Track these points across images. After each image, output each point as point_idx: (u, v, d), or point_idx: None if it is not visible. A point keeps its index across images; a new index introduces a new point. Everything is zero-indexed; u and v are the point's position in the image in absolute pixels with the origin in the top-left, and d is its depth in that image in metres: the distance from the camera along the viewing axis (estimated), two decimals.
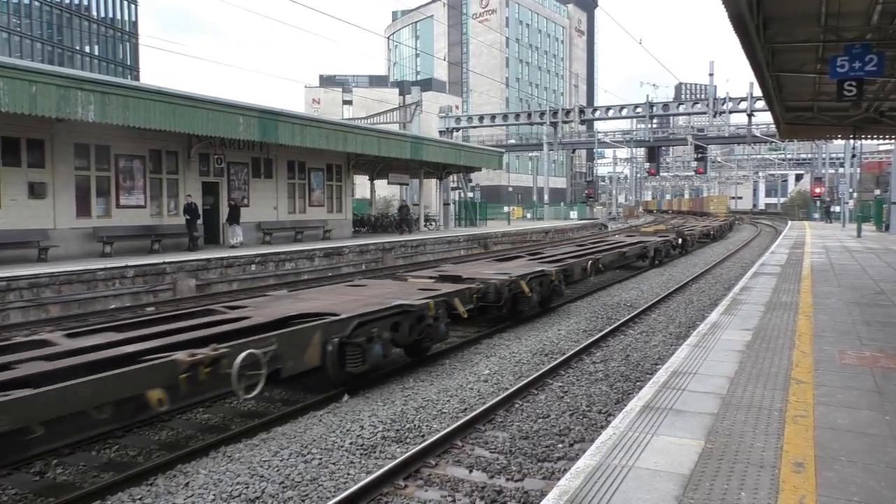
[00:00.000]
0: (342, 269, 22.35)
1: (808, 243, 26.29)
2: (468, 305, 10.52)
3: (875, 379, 6.32)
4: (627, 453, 4.51)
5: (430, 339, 9.48)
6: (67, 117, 15.53)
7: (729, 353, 7.37)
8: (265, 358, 6.40)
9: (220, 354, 6.02)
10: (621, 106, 56.82)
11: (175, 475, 5.70)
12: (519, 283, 11.97)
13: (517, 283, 11.94)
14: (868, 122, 20.43)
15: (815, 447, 4.57)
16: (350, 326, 7.80)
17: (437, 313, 9.33)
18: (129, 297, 15.65)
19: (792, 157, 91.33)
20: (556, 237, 39.99)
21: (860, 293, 12.18)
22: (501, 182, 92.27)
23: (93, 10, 79.44)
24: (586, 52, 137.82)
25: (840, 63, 11.21)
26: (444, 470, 5.82)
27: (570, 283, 15.32)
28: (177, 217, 21.20)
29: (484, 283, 11.28)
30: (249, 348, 6.28)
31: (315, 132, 22.98)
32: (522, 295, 12.12)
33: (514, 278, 11.90)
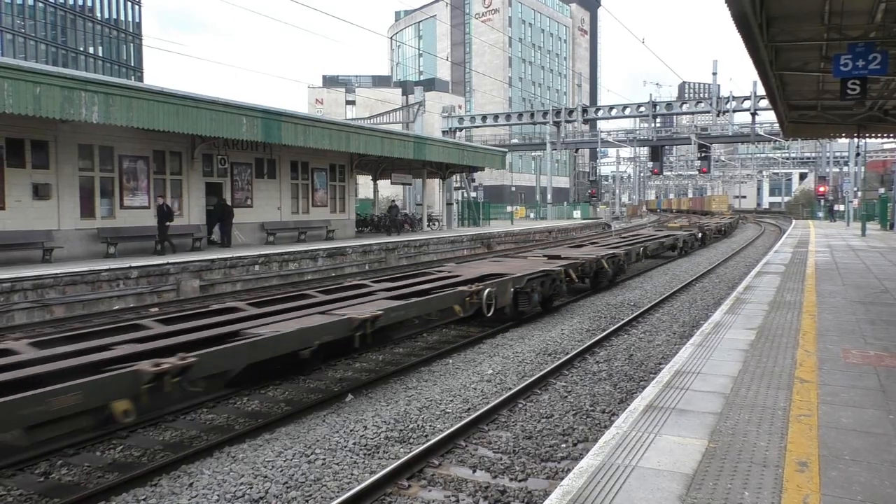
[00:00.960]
0: (345, 269, 22.36)
1: (812, 242, 26.23)
2: (577, 275, 14.68)
3: (879, 378, 6.31)
4: (631, 453, 4.51)
5: (558, 295, 13.86)
6: (71, 118, 15.56)
7: (732, 353, 7.36)
8: (494, 293, 10.99)
9: (479, 288, 10.73)
10: (624, 105, 56.73)
11: (179, 476, 5.72)
12: (601, 261, 16.21)
13: (600, 261, 16.17)
14: (872, 121, 20.38)
15: (819, 446, 4.56)
16: (524, 281, 12.15)
17: (563, 277, 13.72)
18: (133, 298, 15.69)
19: (796, 155, 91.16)
20: (559, 237, 39.96)
21: (864, 292, 12.15)
22: (504, 182, 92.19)
23: (96, 12, 79.60)
24: (589, 52, 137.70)
25: (843, 62, 11.17)
26: (447, 470, 5.82)
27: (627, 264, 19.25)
28: (180, 218, 21.23)
29: (583, 260, 15.31)
30: (488, 288, 10.88)
31: (318, 132, 23.00)
32: (603, 270, 16.42)
33: (598, 257, 16.15)
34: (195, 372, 6.02)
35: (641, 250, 20.75)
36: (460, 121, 62.99)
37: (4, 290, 13.45)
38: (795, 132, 26.00)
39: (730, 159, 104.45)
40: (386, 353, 10.28)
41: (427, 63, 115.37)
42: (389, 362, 9.74)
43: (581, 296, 15.92)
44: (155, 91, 17.59)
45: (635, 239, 23.88)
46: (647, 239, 23.85)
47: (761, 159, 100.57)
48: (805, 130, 25.92)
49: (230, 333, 7.31)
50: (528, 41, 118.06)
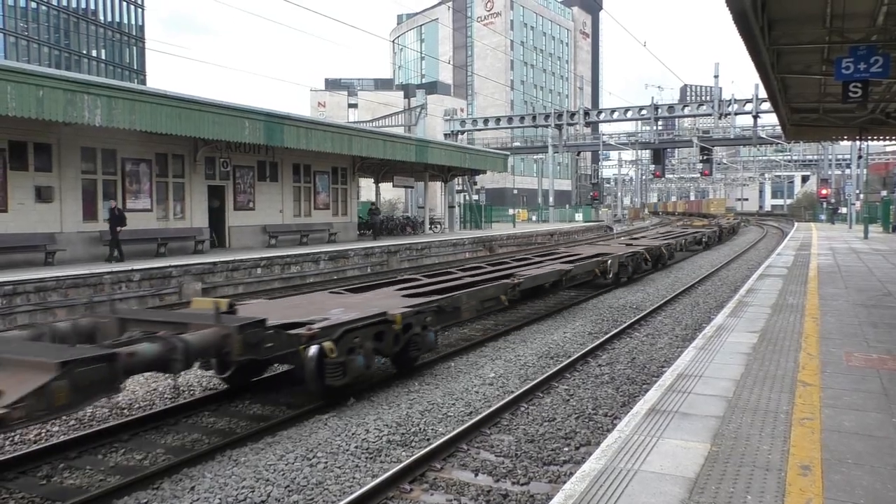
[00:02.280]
0: (347, 272, 22.37)
1: (815, 245, 26.20)
2: (649, 256, 19.90)
3: (882, 381, 6.30)
4: (633, 457, 4.50)
5: (639, 269, 19.07)
6: (74, 121, 15.59)
7: (735, 356, 7.35)
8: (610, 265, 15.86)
9: (605, 260, 16.06)
10: (626, 108, 56.76)
11: (181, 479, 5.72)
12: (661, 249, 21.92)
13: (660, 248, 21.88)
14: (874, 124, 20.35)
15: (822, 450, 4.55)
16: (624, 258, 17.43)
17: (645, 257, 19.21)
18: (136, 301, 15.70)
19: (798, 158, 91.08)
20: (561, 239, 39.94)
21: (867, 295, 12.14)
22: (506, 185, 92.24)
23: (100, 15, 79.77)
24: (591, 55, 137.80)
25: (845, 64, 11.17)
26: (449, 474, 5.82)
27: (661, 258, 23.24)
28: (183, 220, 21.27)
29: (651, 246, 20.93)
30: (609, 260, 16.14)
31: (320, 135, 23.04)
32: (662, 255, 22.08)
33: (660, 245, 22.15)
34: (524, 284, 12.47)
35: (683, 242, 28.06)
36: (462, 124, 63.05)
37: (7, 292, 13.47)
38: (797, 135, 26.00)
39: (732, 162, 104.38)
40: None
41: (429, 66, 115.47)
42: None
43: (583, 298, 15.91)
44: (157, 94, 17.63)
45: (672, 235, 30.01)
46: (680, 235, 30.14)
47: (763, 162, 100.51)
48: (807, 133, 25.91)
49: (508, 274, 12.76)
50: (530, 44, 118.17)
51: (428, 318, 8.99)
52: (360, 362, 7.62)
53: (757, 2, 9.94)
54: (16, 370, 4.99)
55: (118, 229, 17.94)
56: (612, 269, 16.91)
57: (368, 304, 9.13)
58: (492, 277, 12.66)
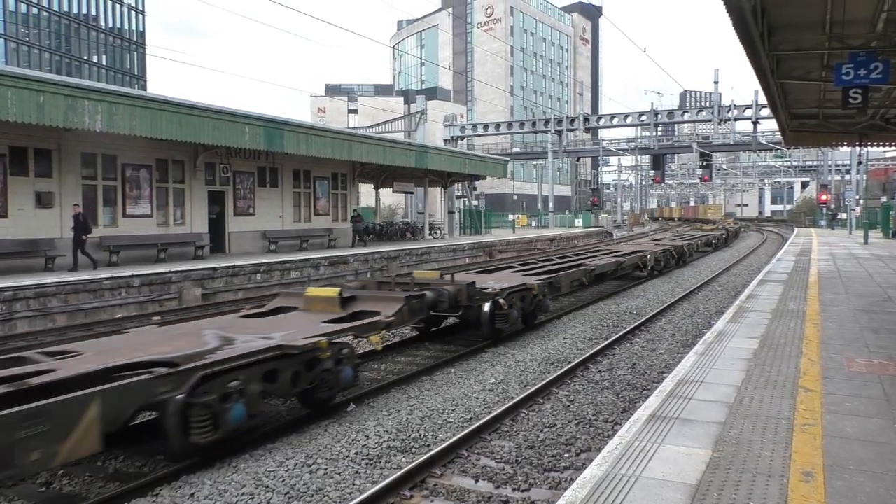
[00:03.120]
0: (347, 277, 22.36)
1: (815, 250, 26.20)
2: (676, 254, 23.94)
3: (883, 387, 6.28)
4: (634, 463, 4.49)
5: (668, 265, 22.55)
6: (75, 127, 15.61)
7: (736, 362, 7.34)
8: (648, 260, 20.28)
9: (645, 255, 20.66)
10: (626, 114, 56.83)
11: (180, 486, 5.69)
12: (683, 248, 26.06)
13: (683, 247, 26.13)
14: (874, 129, 20.39)
15: (824, 456, 4.54)
16: (659, 254, 21.49)
17: (673, 254, 23.04)
18: (136, 307, 15.69)
19: (798, 164, 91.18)
20: (561, 245, 39.94)
21: (868, 300, 12.13)
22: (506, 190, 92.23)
23: (101, 21, 79.96)
24: (591, 61, 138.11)
25: (845, 71, 11.19)
26: (449, 480, 5.80)
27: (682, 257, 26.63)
28: (183, 226, 21.27)
29: (677, 245, 25.27)
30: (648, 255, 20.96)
31: (320, 141, 23.06)
32: (684, 254, 26.10)
33: (683, 244, 26.67)
34: (597, 270, 16.34)
35: (699, 243, 32.70)
36: (462, 129, 63.13)
37: (7, 298, 13.45)
38: (797, 140, 26.03)
39: (731, 167, 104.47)
40: (387, 361, 10.25)
41: (429, 72, 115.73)
42: (391, 371, 9.71)
43: (583, 304, 15.90)
44: (158, 99, 17.65)
45: (686, 237, 34.89)
46: (694, 238, 34.14)
47: (763, 167, 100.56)
48: (807, 139, 25.95)
49: (578, 264, 16.63)
50: (530, 50, 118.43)
51: (546, 290, 12.64)
52: (514, 315, 11.31)
53: (757, 8, 9.97)
54: (386, 302, 9.16)
55: (84, 237, 17.06)
56: (650, 263, 21.41)
57: (510, 279, 12.66)
58: (570, 265, 16.57)
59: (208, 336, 7.23)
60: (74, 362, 6.02)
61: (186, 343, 6.84)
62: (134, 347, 6.74)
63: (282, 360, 6.60)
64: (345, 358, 7.43)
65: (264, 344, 6.70)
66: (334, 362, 7.21)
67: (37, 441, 4.54)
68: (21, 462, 4.49)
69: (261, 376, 6.37)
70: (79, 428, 4.82)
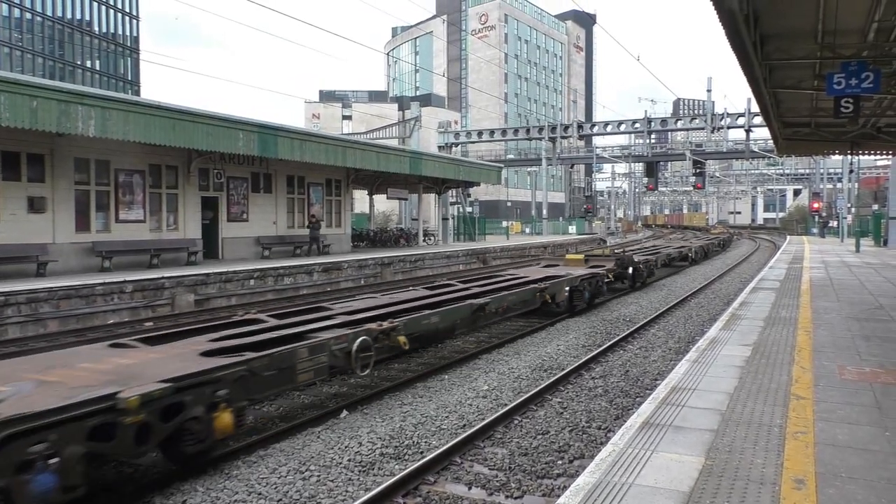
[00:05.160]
0: (341, 284, 22.33)
1: (807, 258, 26.31)
2: (691, 254, 29.49)
3: (875, 394, 6.31)
4: (627, 470, 4.49)
5: (695, 262, 30.65)
6: (68, 132, 15.56)
7: (728, 369, 7.36)
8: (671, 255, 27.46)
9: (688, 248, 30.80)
10: (619, 121, 57.06)
11: (172, 493, 5.67)
12: (701, 248, 32.47)
13: (701, 248, 32.74)
14: (865, 138, 20.49)
15: (816, 464, 4.55)
16: (674, 254, 28.12)
17: (686, 254, 28.94)
18: (128, 313, 15.63)
19: (790, 172, 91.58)
20: (556, 252, 39.99)
21: (859, 308, 12.18)
22: (500, 197, 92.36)
23: (94, 26, 79.86)
24: (585, 68, 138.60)
25: (837, 80, 11.25)
26: (443, 487, 5.79)
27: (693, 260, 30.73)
28: (176, 232, 21.21)
29: (691, 246, 31.56)
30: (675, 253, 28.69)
31: (314, 147, 23.05)
32: (700, 254, 31.14)
33: (700, 246, 33.14)
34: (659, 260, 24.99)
35: (711, 246, 38.01)
36: (456, 136, 63.27)
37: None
38: (789, 149, 26.12)
39: (724, 175, 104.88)
40: (381, 368, 10.24)
41: (423, 79, 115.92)
42: (384, 378, 9.70)
43: (578, 311, 15.91)
44: (152, 105, 17.61)
45: (692, 242, 38.35)
46: (707, 241, 39.35)
47: (756, 175, 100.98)
48: (799, 147, 26.03)
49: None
50: (524, 58, 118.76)
51: (606, 279, 16.90)
52: (586, 296, 15.57)
53: (750, 17, 10.03)
54: (606, 259, 18.62)
55: None
56: (692, 255, 29.12)
57: (598, 265, 17.69)
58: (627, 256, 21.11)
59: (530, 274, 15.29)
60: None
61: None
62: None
63: (600, 277, 16.33)
64: (600, 280, 16.29)
65: (596, 270, 16.75)
66: (594, 283, 15.85)
67: None
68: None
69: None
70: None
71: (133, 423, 5.03)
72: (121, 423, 4.98)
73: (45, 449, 4.51)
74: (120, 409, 4.98)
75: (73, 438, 4.73)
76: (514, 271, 16.89)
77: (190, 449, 5.76)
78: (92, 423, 4.85)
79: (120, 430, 4.99)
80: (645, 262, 21.44)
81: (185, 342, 7.34)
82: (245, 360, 6.36)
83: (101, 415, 4.91)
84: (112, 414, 4.96)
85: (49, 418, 4.59)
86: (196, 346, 7.04)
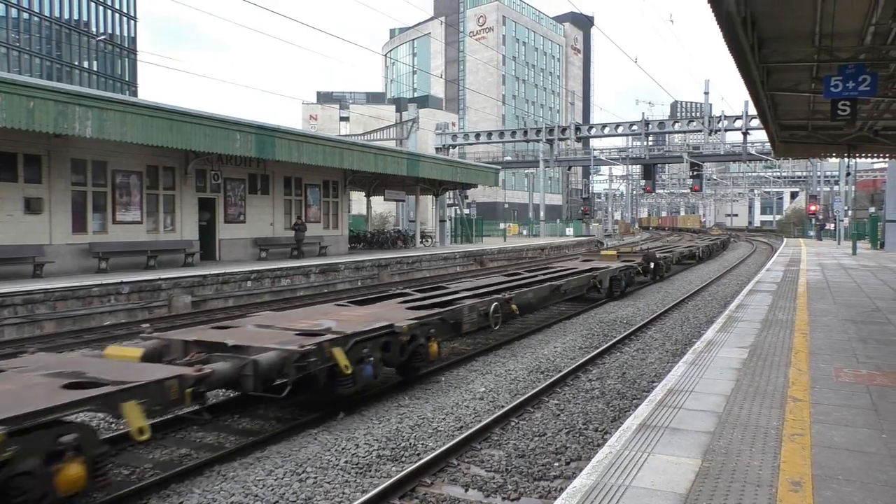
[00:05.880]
0: (338, 285, 22.32)
1: (804, 261, 26.35)
2: (701, 252, 33.19)
3: (871, 397, 6.32)
4: (624, 472, 4.49)
5: (703, 259, 33.58)
6: (65, 133, 15.52)
7: (725, 371, 7.36)
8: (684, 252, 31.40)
9: (696, 247, 34.22)
10: (617, 123, 57.12)
11: (169, 495, 5.66)
12: (707, 248, 35.04)
13: (707, 247, 35.48)
14: (862, 141, 20.55)
15: (813, 466, 4.56)
16: (701, 248, 34.49)
17: (698, 253, 32.75)
18: (125, 314, 15.60)
19: (787, 174, 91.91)
20: (552, 254, 40.01)
21: (856, 311, 12.20)
22: (497, 199, 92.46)
23: (92, 26, 79.78)
24: (582, 70, 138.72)
25: (834, 83, 11.28)
26: (439, 489, 5.78)
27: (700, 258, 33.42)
28: (173, 233, 21.19)
29: (702, 245, 35.25)
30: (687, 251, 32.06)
31: (312, 148, 23.04)
32: (708, 252, 34.73)
33: (708, 244, 37.50)
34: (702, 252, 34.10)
35: (714, 246, 40.05)
36: (454, 138, 63.28)
37: None
38: (786, 151, 26.18)
39: (721, 178, 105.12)
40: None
41: (421, 80, 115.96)
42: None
43: (573, 313, 15.92)
44: (149, 106, 17.59)
45: (695, 242, 41.01)
46: (710, 241, 41.81)
47: (753, 178, 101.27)
48: (796, 150, 26.12)
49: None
50: (522, 59, 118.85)
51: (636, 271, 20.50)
52: (622, 284, 18.73)
53: (747, 20, 10.05)
54: (635, 256, 22.94)
55: None
56: (699, 254, 32.42)
57: (628, 260, 21.18)
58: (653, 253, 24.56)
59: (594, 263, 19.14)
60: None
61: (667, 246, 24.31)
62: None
63: (631, 269, 20.06)
64: (632, 271, 19.83)
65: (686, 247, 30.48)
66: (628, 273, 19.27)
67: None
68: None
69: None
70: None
71: (402, 341, 8.47)
72: (396, 340, 8.37)
73: (367, 352, 7.83)
74: (398, 332, 8.40)
75: (376, 347, 8.04)
76: (562, 264, 20.99)
77: (418, 365, 9.12)
78: (383, 340, 8.19)
79: (394, 345, 8.34)
80: (664, 259, 24.98)
81: (386, 303, 11.09)
82: (439, 313, 10.03)
83: (386, 336, 8.27)
84: (392, 336, 8.35)
85: (366, 336, 7.93)
86: (396, 305, 10.65)
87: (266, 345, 7.00)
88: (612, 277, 17.99)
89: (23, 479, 4.42)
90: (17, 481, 4.38)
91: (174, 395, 5.63)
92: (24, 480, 4.43)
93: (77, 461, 4.76)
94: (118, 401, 5.09)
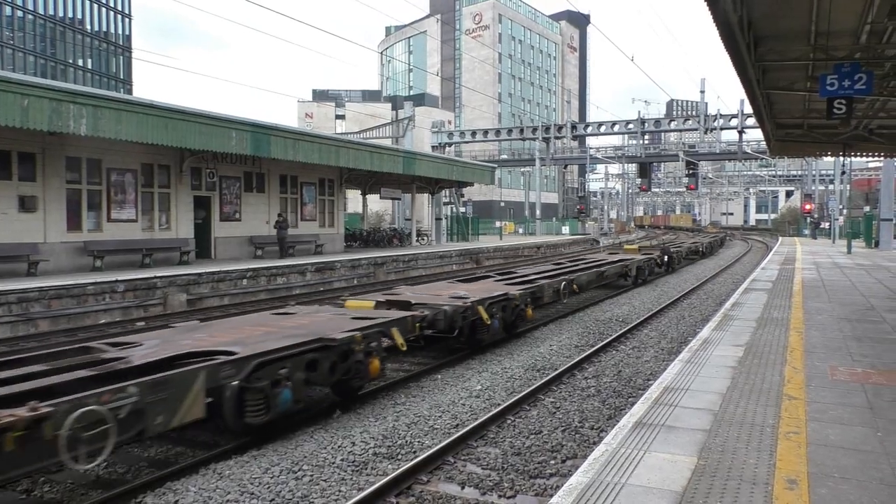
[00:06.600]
0: (334, 283, 22.29)
1: (799, 259, 26.41)
2: (702, 249, 35.90)
3: (866, 395, 6.33)
4: (620, 470, 4.49)
5: (705, 255, 36.49)
6: (60, 131, 15.47)
7: (721, 369, 7.38)
8: (691, 249, 35.57)
9: (700, 243, 37.88)
10: (613, 122, 57.14)
11: (164, 493, 5.64)
12: (709, 244, 38.38)
13: (709, 244, 39.25)
14: (858, 140, 20.61)
15: (808, 464, 4.57)
16: (703, 244, 37.37)
17: (699, 249, 34.45)
18: (120, 312, 15.56)
19: (782, 173, 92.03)
20: (547, 252, 40.04)
21: (851, 309, 12.23)
22: (493, 197, 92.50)
23: (86, 24, 79.52)
24: (578, 68, 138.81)
25: (830, 81, 11.30)
26: (435, 486, 5.78)
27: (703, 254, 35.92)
28: (168, 231, 21.14)
29: (703, 242, 37.96)
30: (692, 246, 36.00)
31: (307, 146, 23.00)
32: (710, 248, 37.48)
33: (709, 241, 40.87)
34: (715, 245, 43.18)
35: (715, 242, 43.05)
36: (450, 136, 63.23)
37: None
38: (782, 150, 26.26)
39: (717, 176, 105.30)
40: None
41: (417, 78, 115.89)
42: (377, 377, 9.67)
43: (570, 311, 15.94)
44: (144, 104, 17.53)
45: (697, 239, 44.63)
46: (712, 238, 44.68)
47: (748, 176, 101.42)
48: (791, 148, 26.17)
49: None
50: (518, 57, 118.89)
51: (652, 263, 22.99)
52: (646, 273, 22.28)
53: (744, 19, 10.07)
54: (653, 250, 26.64)
55: None
56: (702, 250, 34.25)
57: (648, 253, 23.97)
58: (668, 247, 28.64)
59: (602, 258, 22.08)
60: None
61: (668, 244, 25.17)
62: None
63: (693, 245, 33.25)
64: (653, 262, 23.48)
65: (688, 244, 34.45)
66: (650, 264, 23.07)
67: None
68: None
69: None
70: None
71: (514, 304, 11.81)
72: (510, 304, 11.69)
73: (495, 311, 11.15)
74: (511, 298, 11.74)
75: (499, 308, 11.33)
76: (593, 256, 25.03)
77: (519, 323, 12.45)
78: (502, 304, 11.46)
79: (508, 307, 11.64)
80: (675, 253, 28.27)
81: (483, 281, 14.44)
82: (531, 288, 13.11)
83: (503, 301, 11.55)
84: (507, 301, 11.63)
85: (493, 300, 11.27)
86: (493, 283, 13.80)
87: (438, 303, 10.27)
88: (639, 267, 21.64)
89: (357, 364, 7.79)
90: (356, 364, 7.78)
91: (411, 327, 9.20)
92: (358, 365, 7.80)
93: (377, 358, 8.04)
94: (389, 327, 8.67)
